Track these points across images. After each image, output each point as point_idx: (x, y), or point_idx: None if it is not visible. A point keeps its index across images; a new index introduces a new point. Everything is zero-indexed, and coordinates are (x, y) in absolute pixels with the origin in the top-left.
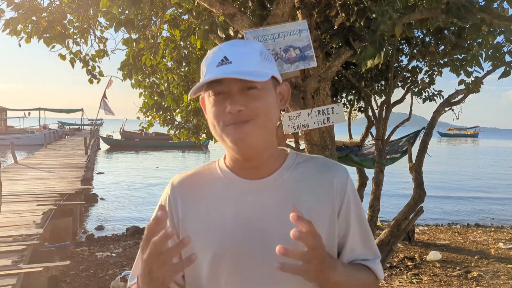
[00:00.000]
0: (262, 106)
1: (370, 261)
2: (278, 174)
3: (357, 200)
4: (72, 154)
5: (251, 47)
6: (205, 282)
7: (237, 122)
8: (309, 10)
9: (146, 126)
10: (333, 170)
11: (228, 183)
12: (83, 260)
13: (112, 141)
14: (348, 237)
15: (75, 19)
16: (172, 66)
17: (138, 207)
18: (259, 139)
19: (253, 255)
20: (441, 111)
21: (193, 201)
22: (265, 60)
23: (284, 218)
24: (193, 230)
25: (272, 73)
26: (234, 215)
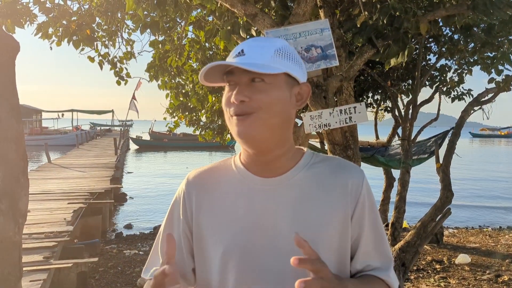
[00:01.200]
0: (265, 100)
1: (382, 271)
2: (292, 173)
3: (372, 203)
4: (103, 154)
5: (270, 42)
6: (215, 278)
7: (240, 113)
8: (331, 9)
9: (173, 126)
10: (348, 172)
11: (241, 179)
12: (111, 258)
13: (141, 142)
14: (361, 241)
15: (103, 22)
16: (197, 67)
17: (166, 206)
18: (264, 133)
19: (263, 252)
20: (470, 110)
21: (207, 197)
22: (280, 57)
23: (295, 217)
24: (206, 225)
25: (284, 70)
26: (245, 212)
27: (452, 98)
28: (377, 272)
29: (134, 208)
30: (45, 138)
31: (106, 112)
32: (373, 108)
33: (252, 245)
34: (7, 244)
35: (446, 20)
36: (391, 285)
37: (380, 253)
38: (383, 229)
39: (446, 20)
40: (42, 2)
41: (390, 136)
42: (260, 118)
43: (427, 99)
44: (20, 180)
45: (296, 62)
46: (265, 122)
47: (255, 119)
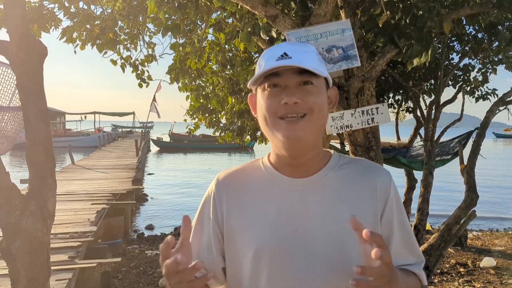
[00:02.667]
0: (317, 102)
1: (415, 266)
2: (322, 173)
3: (400, 204)
4: (124, 155)
5: (309, 47)
6: (246, 277)
7: (291, 115)
8: (352, 9)
9: (193, 128)
10: (377, 173)
11: (272, 180)
12: (133, 258)
13: (161, 143)
14: (391, 241)
15: (126, 26)
16: (217, 69)
17: (186, 207)
18: (310, 135)
19: (294, 252)
20: (495, 110)
21: (237, 197)
22: (320, 61)
23: (325, 217)
24: (237, 225)
25: (327, 74)
26: (276, 212)
27: (476, 98)
28: (410, 266)
29: (155, 209)
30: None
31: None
32: (394, 108)
33: (283, 245)
34: (36, 244)
35: (471, 18)
36: (422, 280)
37: (411, 252)
38: (411, 229)
39: (470, 19)
40: (67, 7)
41: (411, 137)
42: (311, 120)
43: (450, 99)
44: (48, 181)
45: (325, 67)
46: (314, 124)
47: (307, 121)
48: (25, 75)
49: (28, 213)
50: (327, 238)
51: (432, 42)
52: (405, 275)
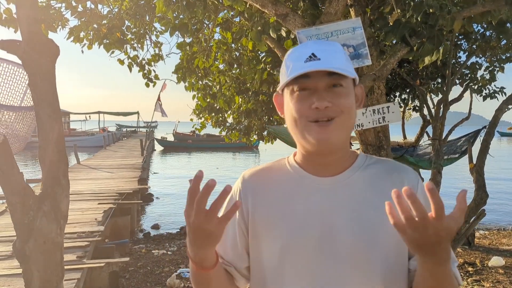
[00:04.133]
0: (347, 104)
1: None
2: (349, 173)
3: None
4: (129, 155)
5: (336, 46)
6: (271, 273)
7: (322, 119)
8: (362, 8)
9: (199, 127)
10: (404, 174)
11: (298, 178)
12: (140, 257)
13: (166, 143)
14: None
15: (132, 25)
16: (224, 69)
17: None
18: (341, 137)
19: (321, 249)
20: (504, 109)
21: (263, 195)
22: (348, 61)
23: (351, 215)
24: (262, 222)
25: (355, 74)
26: (303, 210)
27: (484, 96)
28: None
29: (160, 209)
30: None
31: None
32: (401, 107)
33: (309, 243)
34: (50, 245)
35: (481, 16)
36: (458, 279)
37: None
38: None
39: (480, 16)
40: (74, 6)
41: (418, 136)
42: (342, 122)
43: (456, 98)
44: (61, 181)
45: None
46: (345, 126)
47: (338, 124)
48: (37, 74)
49: (41, 213)
50: (353, 238)
51: (443, 40)
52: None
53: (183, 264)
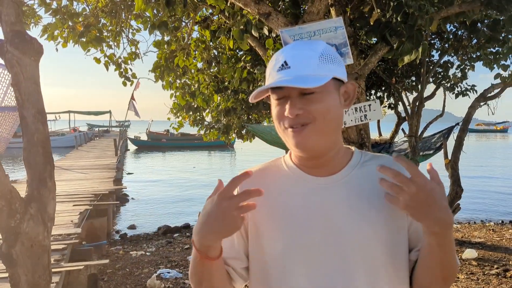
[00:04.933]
0: (320, 110)
1: None
2: (345, 171)
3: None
4: (103, 155)
5: (312, 49)
6: (274, 273)
7: (296, 125)
8: (342, 7)
9: (177, 126)
10: (400, 169)
11: (296, 179)
12: (118, 259)
13: (139, 142)
14: (419, 234)
15: (108, 23)
16: (203, 67)
17: (167, 207)
18: (320, 141)
19: (324, 248)
20: (477, 106)
21: (262, 196)
22: (325, 62)
23: (351, 213)
24: (263, 223)
25: (331, 75)
26: (302, 210)
27: (456, 94)
28: None
29: (136, 209)
30: None
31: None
32: None
33: (311, 242)
34: (37, 248)
35: (456, 16)
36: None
37: None
38: None
39: (456, 17)
40: (48, 3)
41: (393, 133)
42: (316, 128)
43: (429, 95)
44: (48, 183)
45: (339, 62)
46: (320, 131)
47: (311, 129)
48: (21, 74)
49: (28, 216)
50: (355, 235)
51: (422, 40)
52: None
53: (162, 264)
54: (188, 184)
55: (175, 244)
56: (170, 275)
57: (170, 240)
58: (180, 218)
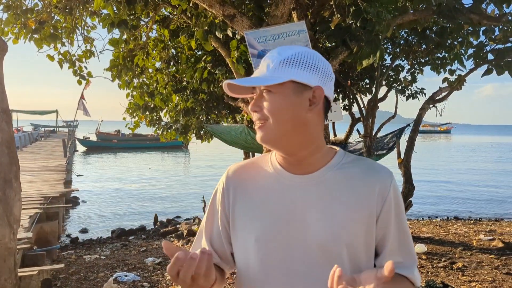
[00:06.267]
0: (271, 109)
1: (406, 269)
2: (322, 172)
3: (399, 204)
4: (50, 156)
5: (281, 53)
6: (252, 262)
7: (257, 121)
8: (304, 11)
9: (133, 127)
10: (378, 174)
11: (275, 175)
12: (71, 264)
13: (89, 143)
14: (387, 239)
15: (62, 20)
16: (161, 66)
17: (121, 209)
18: (277, 138)
19: (292, 243)
20: (427, 108)
21: (243, 190)
22: (287, 66)
23: (322, 213)
24: (240, 215)
25: (287, 78)
26: (276, 205)
27: (407, 96)
28: (402, 270)
29: (87, 212)
30: None
31: (50, 113)
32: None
33: (281, 236)
34: (3, 251)
35: (410, 23)
36: (415, 283)
37: (405, 251)
38: (408, 229)
39: (409, 24)
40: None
41: (347, 134)
42: (270, 125)
43: (382, 97)
44: (13, 184)
45: (308, 67)
46: (275, 129)
47: (267, 127)
48: None
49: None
50: (323, 234)
51: (380, 44)
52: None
53: (118, 268)
54: (141, 185)
55: (131, 247)
56: (127, 278)
57: (125, 243)
58: (134, 220)
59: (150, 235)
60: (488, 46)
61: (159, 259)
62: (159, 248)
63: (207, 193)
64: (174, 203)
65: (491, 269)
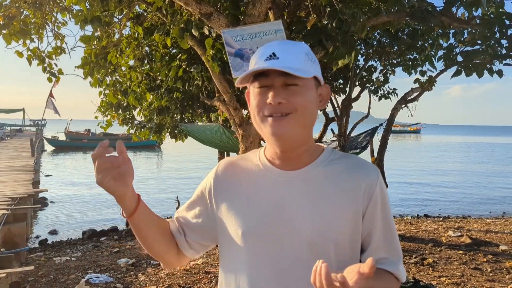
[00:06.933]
0: (301, 102)
1: (391, 265)
2: (310, 168)
3: (384, 201)
4: (17, 156)
5: (299, 47)
6: (239, 255)
7: (276, 113)
8: (280, 11)
9: (105, 126)
10: (364, 171)
11: (264, 171)
12: (40, 266)
13: (57, 143)
14: (372, 236)
15: (32, 15)
16: (135, 64)
17: (91, 210)
18: (296, 133)
19: (278, 238)
20: (399, 108)
21: (231, 183)
22: (310, 61)
23: (309, 209)
24: (228, 209)
25: (315, 73)
26: (264, 200)
27: (379, 97)
28: (387, 265)
29: (56, 213)
30: None
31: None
32: None
33: (268, 232)
34: None
35: (383, 25)
36: (400, 278)
37: (390, 248)
38: (394, 226)
39: (383, 25)
40: None
41: (321, 133)
42: (295, 119)
43: (355, 97)
44: None
45: (318, 64)
46: (299, 123)
47: (291, 120)
48: None
49: None
50: (309, 229)
51: (355, 45)
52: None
53: (90, 269)
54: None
55: (103, 248)
56: (99, 279)
57: (97, 244)
58: (106, 221)
59: (122, 236)
60: (457, 48)
61: (132, 260)
62: (132, 249)
63: (181, 193)
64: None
65: (459, 264)
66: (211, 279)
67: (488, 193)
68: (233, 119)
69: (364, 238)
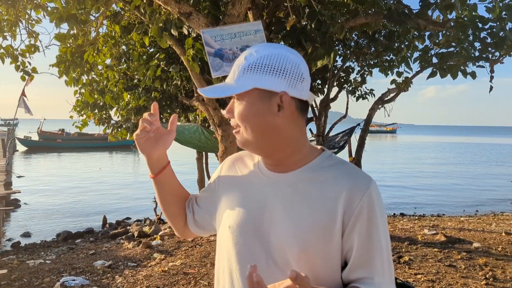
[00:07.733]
0: (240, 117)
1: (371, 286)
2: (297, 172)
3: (372, 215)
4: None
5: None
6: (224, 248)
7: (233, 126)
8: (259, 11)
9: (80, 125)
10: (351, 182)
11: (257, 170)
12: (13, 269)
13: (30, 143)
14: (354, 251)
15: (4, 12)
16: (112, 63)
17: (66, 211)
18: (251, 143)
19: (256, 237)
20: (376, 108)
21: (232, 178)
22: (251, 72)
23: (288, 212)
24: (224, 201)
25: (251, 85)
26: (252, 198)
27: (357, 97)
28: (367, 286)
29: (29, 215)
30: None
31: None
32: None
33: (249, 229)
34: None
35: (361, 26)
36: None
37: (375, 267)
38: (386, 244)
39: (361, 27)
40: None
41: None
42: (242, 131)
43: (333, 98)
44: None
45: (274, 72)
46: (247, 134)
47: (240, 132)
48: None
49: None
50: (284, 235)
51: (334, 46)
52: None
53: (65, 272)
54: (88, 187)
55: (78, 250)
56: (75, 282)
57: (72, 246)
58: (81, 223)
59: (98, 237)
60: (433, 50)
61: (109, 261)
62: (109, 251)
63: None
64: (123, 204)
65: (435, 261)
66: (189, 280)
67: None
68: (213, 119)
69: (346, 252)
